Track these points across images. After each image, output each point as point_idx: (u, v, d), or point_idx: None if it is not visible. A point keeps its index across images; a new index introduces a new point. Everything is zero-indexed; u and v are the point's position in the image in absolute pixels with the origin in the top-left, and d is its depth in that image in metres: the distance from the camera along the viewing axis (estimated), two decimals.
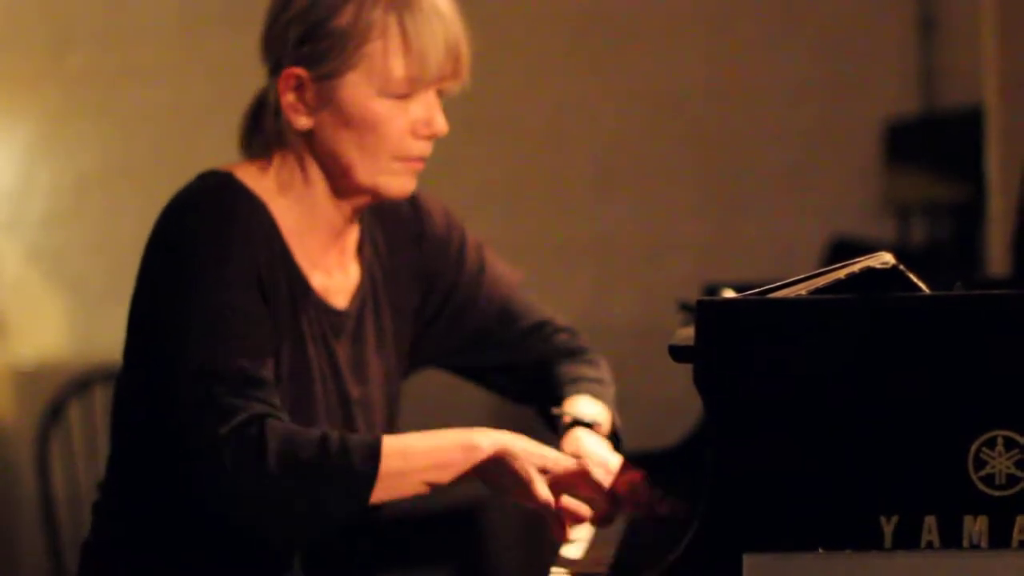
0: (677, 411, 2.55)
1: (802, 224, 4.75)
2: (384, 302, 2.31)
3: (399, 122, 2.15)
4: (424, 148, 2.18)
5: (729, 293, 2.12)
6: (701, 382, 1.53)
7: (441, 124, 2.19)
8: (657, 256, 4.91)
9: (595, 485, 2.03)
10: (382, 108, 2.13)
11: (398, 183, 2.18)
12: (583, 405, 2.33)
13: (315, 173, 2.18)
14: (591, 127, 4.98)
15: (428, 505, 4.62)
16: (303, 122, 2.15)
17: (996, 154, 3.63)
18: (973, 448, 1.50)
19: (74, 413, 4.04)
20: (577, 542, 2.04)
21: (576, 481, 2.02)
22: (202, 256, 2.05)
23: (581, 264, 4.97)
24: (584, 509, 2.00)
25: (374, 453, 1.97)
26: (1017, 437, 1.49)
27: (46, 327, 5.30)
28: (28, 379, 5.13)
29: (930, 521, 1.51)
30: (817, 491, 1.51)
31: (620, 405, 2.41)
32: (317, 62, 2.12)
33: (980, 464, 1.50)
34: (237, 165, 2.20)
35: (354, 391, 2.23)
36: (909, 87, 4.73)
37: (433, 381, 2.47)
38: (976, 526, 1.51)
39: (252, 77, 2.28)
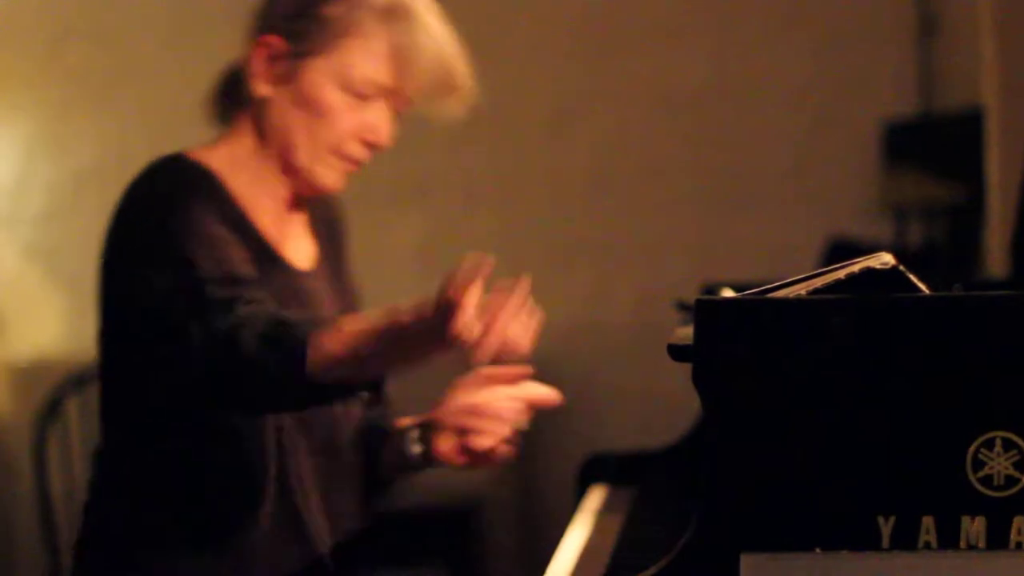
0: (675, 410, 2.55)
1: (800, 224, 4.76)
2: (336, 278, 2.38)
3: (349, 119, 2.20)
4: (363, 153, 2.24)
5: (728, 293, 2.12)
6: (699, 381, 1.53)
7: (386, 136, 2.24)
8: (655, 255, 4.91)
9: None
10: (337, 100, 2.19)
11: (330, 177, 2.24)
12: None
13: (263, 146, 2.23)
14: (590, 127, 4.98)
15: (427, 505, 4.62)
16: (262, 88, 2.21)
17: (995, 155, 3.63)
18: (971, 449, 1.50)
19: (71, 409, 4.04)
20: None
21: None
22: (170, 209, 2.10)
23: (579, 263, 4.97)
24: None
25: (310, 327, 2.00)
26: (1015, 438, 1.49)
27: (43, 323, 5.30)
28: (25, 375, 5.13)
29: (928, 522, 1.51)
30: (815, 491, 1.51)
31: (618, 403, 2.41)
32: (296, 38, 2.18)
33: (978, 465, 1.50)
34: (186, 150, 2.25)
35: None
36: (908, 88, 4.73)
37: (435, 381, 2.46)
38: (974, 527, 1.51)
39: None
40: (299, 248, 2.30)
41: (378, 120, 2.22)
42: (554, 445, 4.97)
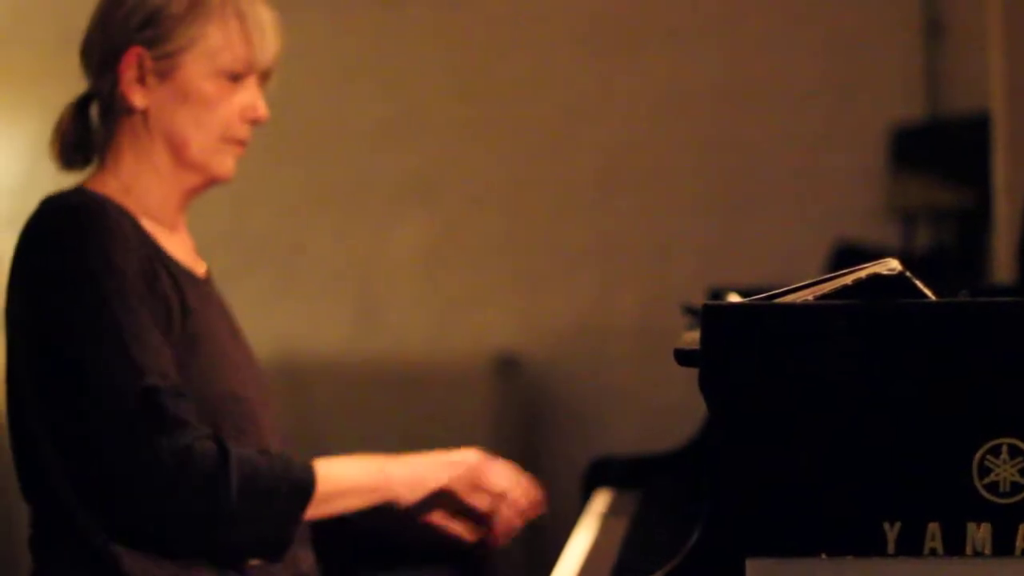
0: (680, 414, 2.55)
1: (807, 228, 4.76)
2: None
3: (229, 103, 2.28)
4: (247, 132, 2.32)
5: (734, 297, 2.12)
6: (706, 386, 1.53)
7: (264, 110, 2.32)
8: (661, 259, 4.91)
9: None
10: (214, 88, 2.27)
11: (226, 163, 2.31)
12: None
13: (155, 154, 2.29)
14: (597, 129, 4.98)
15: None
16: (140, 100, 2.26)
17: (1002, 160, 3.62)
18: (977, 455, 1.50)
19: None
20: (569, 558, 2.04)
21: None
22: (91, 278, 2.12)
23: (586, 266, 4.97)
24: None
25: (310, 475, 2.14)
26: (1022, 445, 1.49)
27: None
28: None
29: (933, 528, 1.51)
30: (820, 496, 1.51)
31: (624, 407, 2.42)
32: (156, 43, 2.26)
33: (984, 471, 1.50)
34: (76, 186, 2.30)
35: (241, 355, 2.33)
36: (915, 92, 4.73)
37: (436, 384, 2.46)
38: (979, 533, 1.51)
39: None
40: (193, 258, 2.35)
41: (253, 97, 2.31)
42: (560, 449, 4.98)
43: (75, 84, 2.39)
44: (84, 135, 2.34)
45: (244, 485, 2.06)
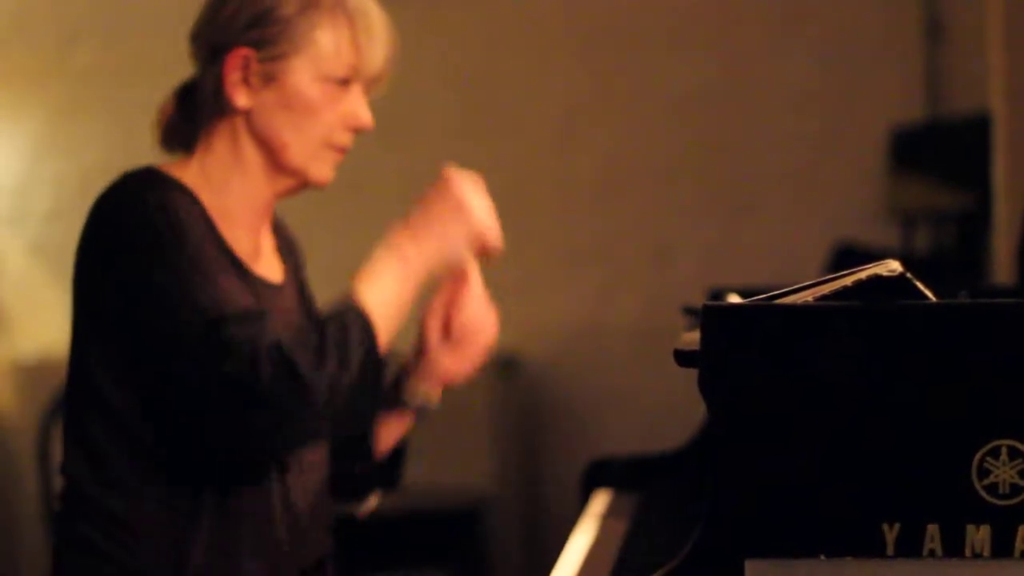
0: (680, 415, 2.55)
1: (807, 230, 4.76)
2: (302, 295, 2.44)
3: (333, 110, 2.25)
4: (349, 140, 2.30)
5: (734, 298, 2.12)
6: (705, 387, 1.53)
7: (368, 118, 2.29)
8: (662, 260, 4.91)
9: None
10: (319, 93, 2.23)
11: (324, 169, 2.29)
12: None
13: (248, 155, 2.26)
14: (597, 131, 4.98)
15: (432, 508, 4.63)
16: (243, 101, 2.23)
17: (1002, 162, 3.63)
18: (977, 457, 1.50)
19: None
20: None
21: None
22: (163, 233, 2.11)
23: (586, 267, 4.97)
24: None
25: (365, 318, 2.16)
26: (1021, 446, 1.49)
27: (49, 322, 5.31)
28: (30, 374, 5.14)
29: (932, 529, 1.51)
30: (820, 497, 1.51)
31: (624, 408, 2.42)
32: (264, 44, 2.22)
33: (984, 473, 1.50)
34: (162, 164, 2.28)
35: None
36: (915, 94, 4.73)
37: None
38: (979, 535, 1.50)
39: None
40: (270, 264, 2.34)
41: (358, 104, 2.28)
42: (559, 449, 4.98)
43: (77, 84, 2.39)
44: (187, 123, 2.31)
45: (312, 353, 2.06)
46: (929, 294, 1.54)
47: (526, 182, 4.98)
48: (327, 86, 2.23)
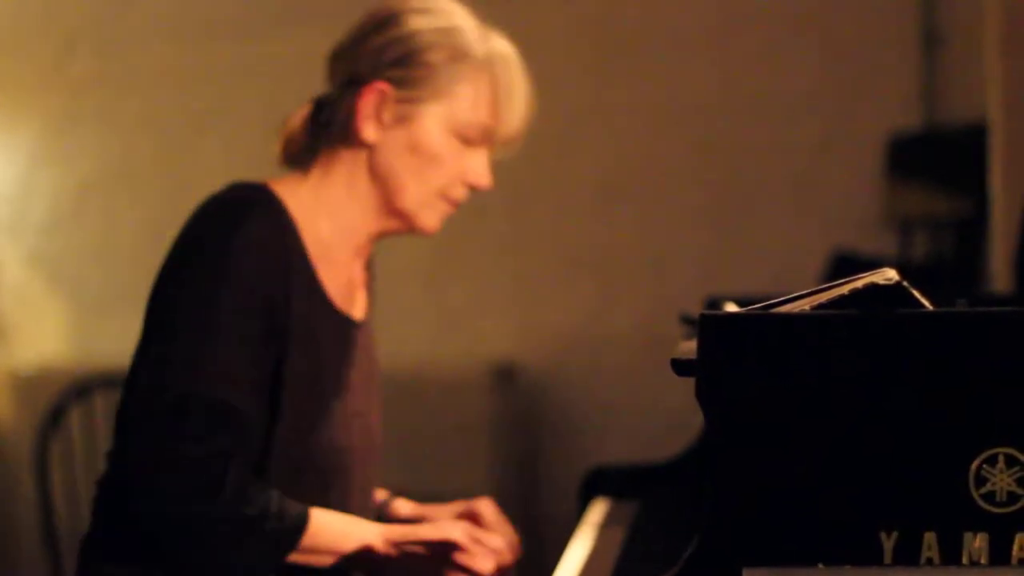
0: (678, 424, 2.55)
1: (804, 237, 4.76)
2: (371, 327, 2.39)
3: (457, 164, 2.26)
4: (464, 194, 2.30)
5: (731, 307, 2.12)
6: (703, 396, 1.53)
7: (487, 180, 2.32)
8: (659, 268, 4.91)
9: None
10: (447, 145, 2.23)
11: (433, 218, 2.29)
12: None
13: (363, 189, 2.25)
14: (594, 139, 4.98)
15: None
16: (372, 135, 2.22)
17: (999, 170, 3.63)
18: (974, 465, 1.50)
19: (74, 418, 4.04)
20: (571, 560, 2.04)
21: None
22: (206, 271, 2.08)
23: (584, 275, 4.97)
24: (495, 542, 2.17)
25: (299, 528, 2.06)
26: (1018, 454, 1.49)
27: (46, 332, 5.31)
28: (28, 383, 5.14)
29: (930, 537, 1.51)
30: (817, 506, 1.51)
31: (621, 416, 2.42)
32: (405, 85, 2.21)
33: (981, 481, 1.50)
34: (270, 181, 2.24)
35: (361, 403, 2.27)
36: (912, 101, 4.73)
37: (433, 393, 2.47)
38: (976, 543, 1.51)
39: (252, 85, 2.31)
40: (357, 297, 2.31)
41: (481, 164, 2.29)
42: (557, 458, 4.97)
43: (74, 94, 2.38)
44: (310, 142, 2.29)
45: (230, 512, 2.01)
46: (926, 302, 1.55)
47: (524, 190, 4.98)
48: (456, 140, 2.24)
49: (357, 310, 2.30)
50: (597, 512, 2.39)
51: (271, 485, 2.09)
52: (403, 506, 2.45)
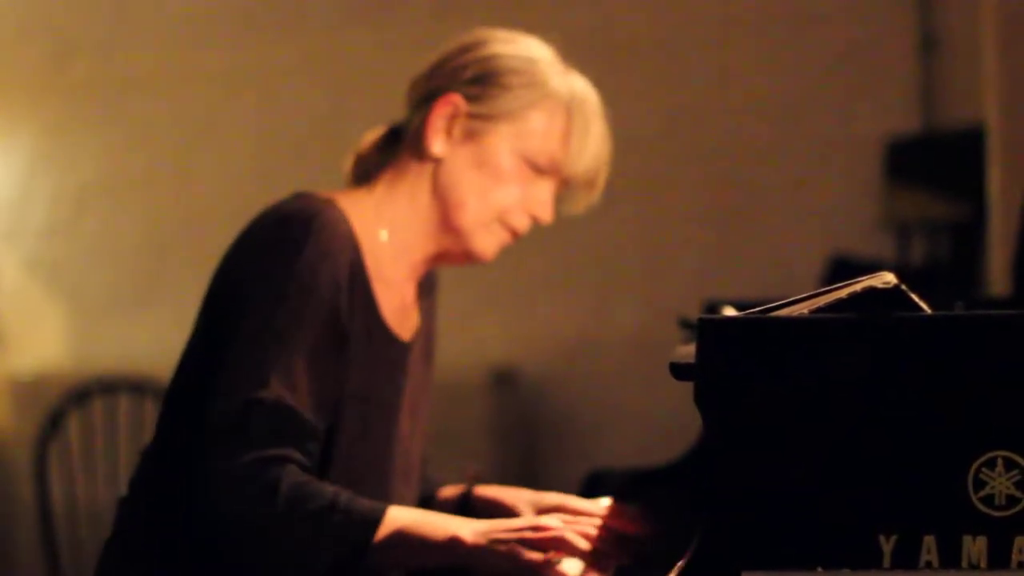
0: (676, 427, 2.55)
1: (802, 241, 4.76)
2: (425, 350, 2.36)
3: (521, 189, 2.24)
4: (524, 225, 2.28)
5: (729, 311, 2.12)
6: (701, 400, 1.53)
7: (549, 214, 2.30)
8: (657, 272, 4.92)
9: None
10: (515, 169, 2.23)
11: (488, 243, 2.27)
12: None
13: (424, 203, 2.23)
14: None
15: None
16: (439, 148, 2.22)
17: (997, 173, 3.63)
18: (973, 468, 1.50)
19: (73, 423, 4.04)
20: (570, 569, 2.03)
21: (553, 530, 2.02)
22: (287, 286, 2.06)
23: (582, 279, 4.97)
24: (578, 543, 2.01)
25: (374, 522, 2.00)
26: (1017, 458, 1.49)
27: (45, 337, 5.30)
28: (27, 389, 5.14)
29: (929, 541, 1.51)
30: (816, 509, 1.51)
31: (620, 420, 2.41)
32: (479, 101, 2.22)
33: (980, 484, 1.50)
34: (334, 192, 2.22)
35: (405, 427, 2.25)
36: (910, 105, 4.74)
37: (435, 392, 2.46)
38: (975, 546, 1.51)
39: (251, 90, 2.31)
40: (408, 317, 2.29)
41: (546, 196, 2.27)
42: (556, 462, 4.98)
43: (73, 99, 2.37)
44: (378, 159, 2.28)
45: (291, 511, 1.97)
46: (924, 305, 1.55)
47: None
48: (523, 165, 2.23)
49: (407, 331, 2.27)
50: None
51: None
52: (489, 491, 2.37)
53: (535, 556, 1.98)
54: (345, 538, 1.99)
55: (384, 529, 2.00)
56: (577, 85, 2.32)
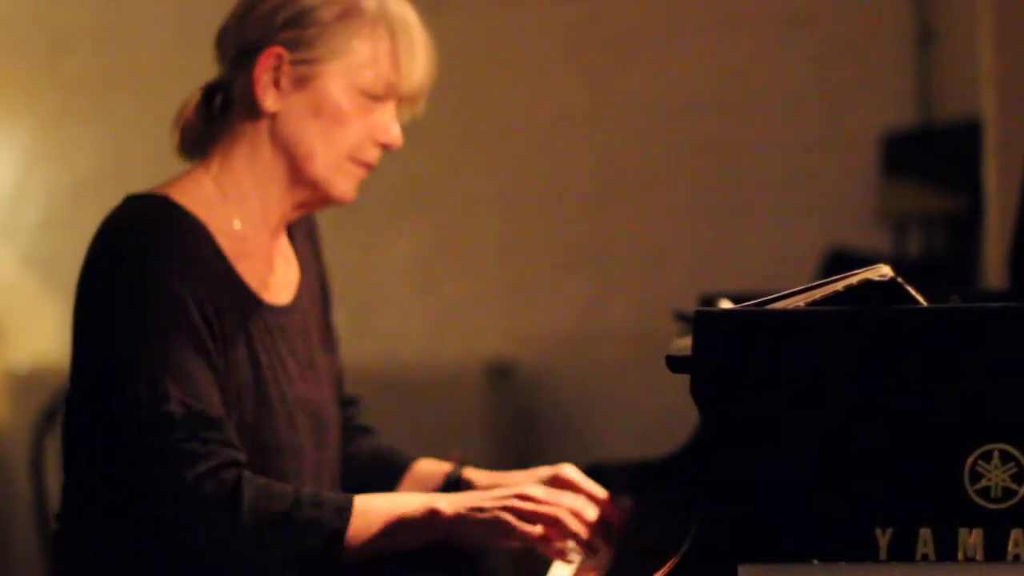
0: (673, 420, 2.55)
1: (799, 234, 4.76)
2: (317, 296, 2.32)
3: (363, 122, 2.17)
4: (375, 156, 2.21)
5: (726, 304, 2.12)
6: (698, 393, 1.53)
7: (398, 135, 2.21)
8: (654, 265, 4.91)
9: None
10: (351, 103, 2.15)
11: (347, 185, 2.21)
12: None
13: (268, 163, 2.18)
14: (589, 136, 4.98)
15: None
16: (272, 103, 2.15)
17: (993, 166, 3.63)
18: (969, 461, 1.50)
19: None
20: (571, 559, 2.03)
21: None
22: (143, 294, 2.04)
23: (578, 273, 4.97)
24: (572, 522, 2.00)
25: (345, 508, 1.99)
26: (1013, 450, 1.49)
27: (41, 332, 5.30)
28: (23, 384, 5.13)
29: (925, 533, 1.51)
30: (812, 502, 1.51)
31: (616, 413, 2.41)
32: (299, 46, 2.14)
33: (976, 477, 1.50)
34: (168, 185, 2.19)
35: (308, 392, 2.21)
36: (907, 99, 4.73)
37: (428, 391, 2.46)
38: (971, 539, 1.51)
39: None
40: (281, 280, 2.24)
41: (389, 120, 2.19)
42: (552, 456, 4.96)
43: (68, 92, 2.35)
44: (207, 127, 2.22)
45: (257, 517, 1.95)
46: (920, 298, 1.55)
47: (519, 188, 4.98)
48: (359, 97, 2.15)
49: (285, 294, 2.23)
50: None
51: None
52: (479, 476, 2.34)
53: (526, 527, 1.97)
54: (318, 531, 1.97)
55: (357, 513, 1.99)
56: (390, 2, 2.20)
